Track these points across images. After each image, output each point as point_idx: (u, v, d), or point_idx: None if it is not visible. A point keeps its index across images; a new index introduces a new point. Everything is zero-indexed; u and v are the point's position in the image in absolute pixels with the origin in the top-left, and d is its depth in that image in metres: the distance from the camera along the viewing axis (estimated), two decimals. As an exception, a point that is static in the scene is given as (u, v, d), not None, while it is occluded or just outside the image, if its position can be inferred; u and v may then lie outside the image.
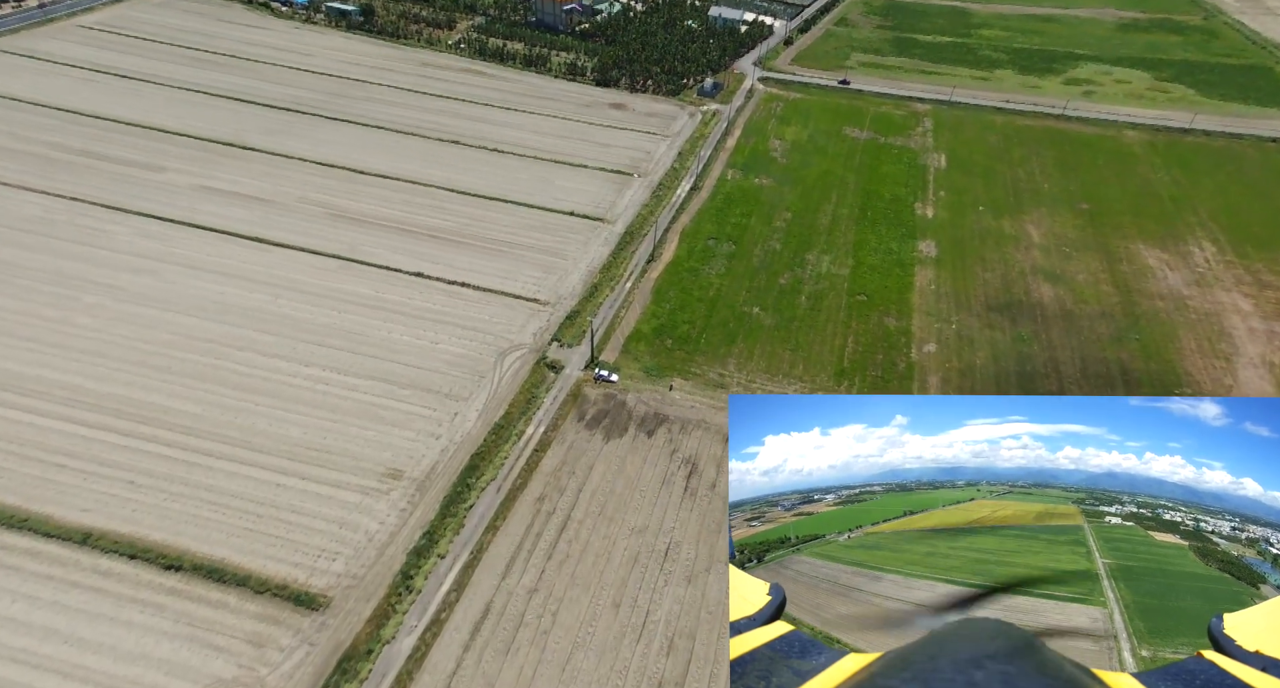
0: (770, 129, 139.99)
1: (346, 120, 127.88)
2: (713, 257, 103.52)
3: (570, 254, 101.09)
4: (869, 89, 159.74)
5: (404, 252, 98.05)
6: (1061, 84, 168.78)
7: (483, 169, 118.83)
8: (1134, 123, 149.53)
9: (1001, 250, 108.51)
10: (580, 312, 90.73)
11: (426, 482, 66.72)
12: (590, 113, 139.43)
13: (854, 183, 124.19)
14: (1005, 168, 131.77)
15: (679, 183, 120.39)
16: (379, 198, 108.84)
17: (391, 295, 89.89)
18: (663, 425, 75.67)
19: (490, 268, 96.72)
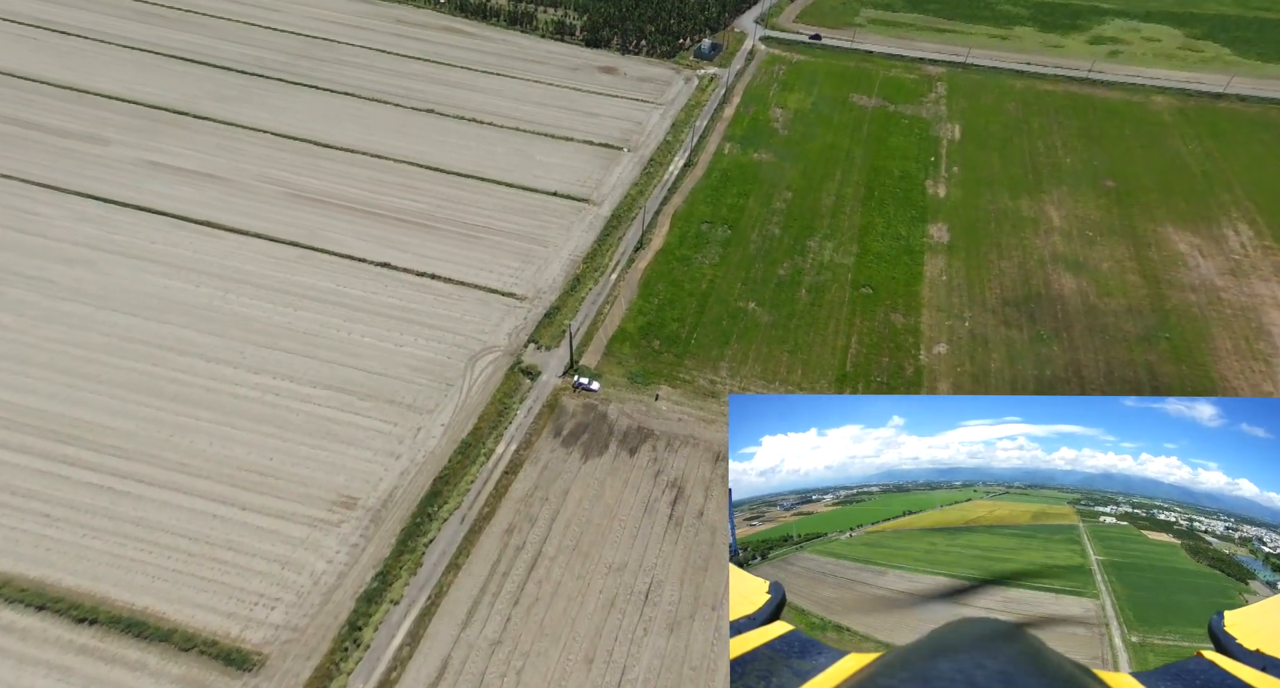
0: (771, 96, 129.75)
1: (311, 85, 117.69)
2: (706, 243, 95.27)
3: (551, 241, 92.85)
4: (878, 50, 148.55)
5: (369, 237, 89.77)
6: (1086, 42, 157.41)
7: (459, 142, 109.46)
8: (1163, 86, 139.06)
9: (1019, 235, 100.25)
10: (560, 308, 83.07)
11: (383, 511, 60.24)
12: (578, 77, 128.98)
13: (860, 157, 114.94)
14: (1024, 139, 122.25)
15: (672, 158, 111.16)
16: (344, 175, 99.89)
17: (354, 289, 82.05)
18: (647, 442, 68.91)
19: (463, 257, 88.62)
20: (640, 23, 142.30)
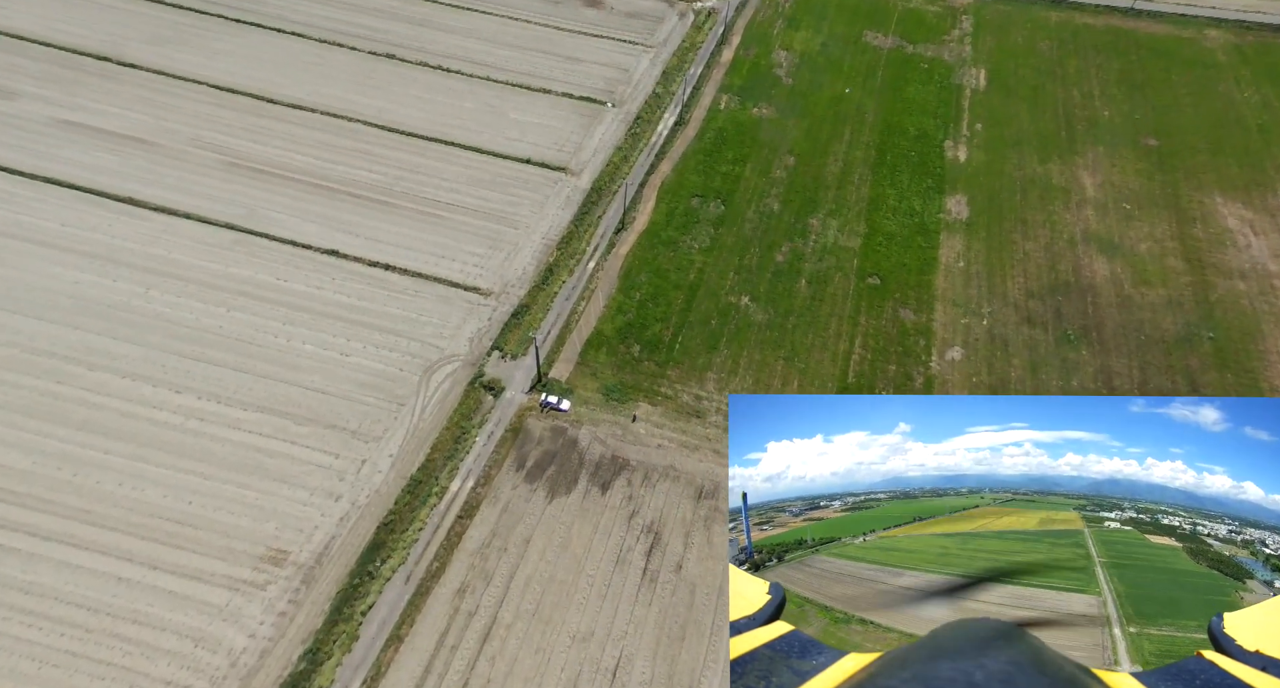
0: (775, 35, 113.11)
1: (256, 24, 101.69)
2: (696, 222, 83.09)
3: (523, 220, 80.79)
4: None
5: (317, 218, 77.85)
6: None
7: (421, 95, 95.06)
8: (1218, 18, 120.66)
9: (1048, 208, 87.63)
10: (530, 306, 72.27)
11: (317, 568, 52.09)
12: (559, 13, 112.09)
13: (873, 112, 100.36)
14: (1057, 87, 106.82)
15: (661, 115, 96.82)
16: (290, 138, 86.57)
17: (297, 284, 71.13)
18: (621, 474, 60.02)
19: (423, 241, 77.00)
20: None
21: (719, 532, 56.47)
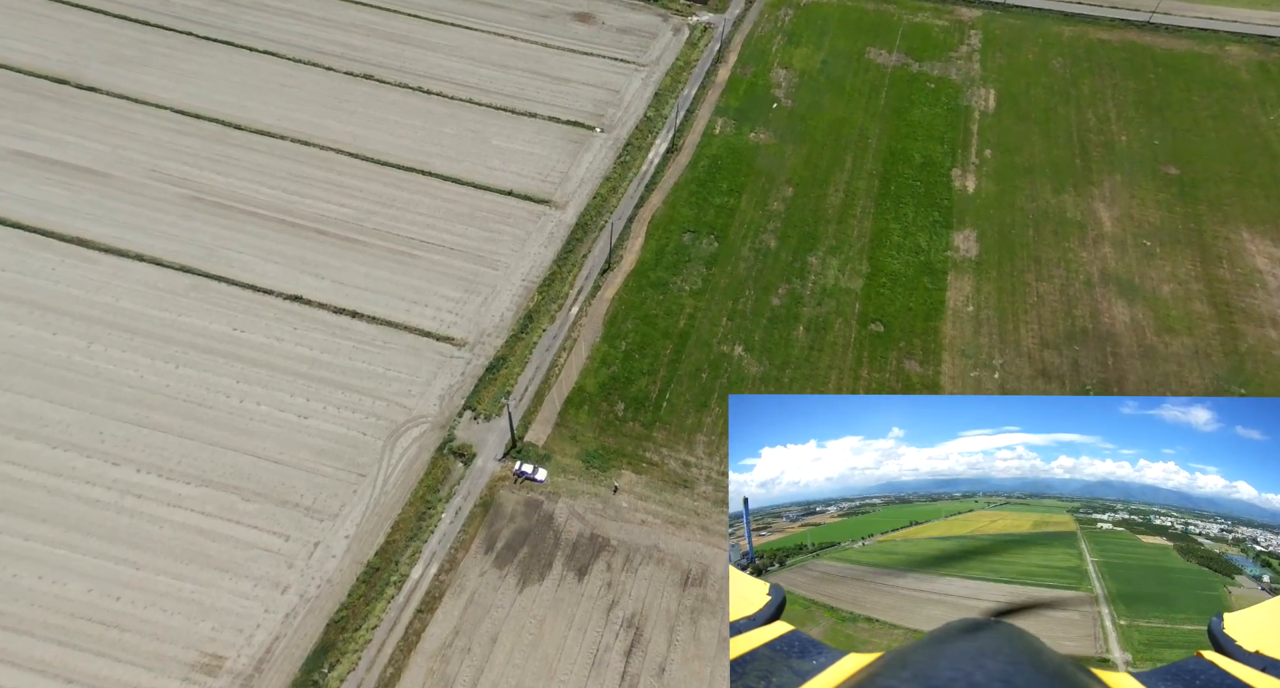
0: (774, 52, 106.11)
1: (226, 42, 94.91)
2: (687, 261, 76.56)
3: (502, 260, 74.32)
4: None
5: (281, 258, 71.44)
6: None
7: (399, 119, 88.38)
8: (1240, 32, 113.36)
9: (1062, 245, 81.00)
10: (507, 358, 65.93)
11: (255, 677, 45.90)
12: (548, 28, 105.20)
13: (876, 137, 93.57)
14: (1071, 110, 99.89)
15: (653, 141, 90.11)
16: (257, 168, 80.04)
17: (255, 334, 64.81)
18: (600, 556, 53.81)
19: (394, 284, 70.59)
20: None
21: (707, 626, 50.34)
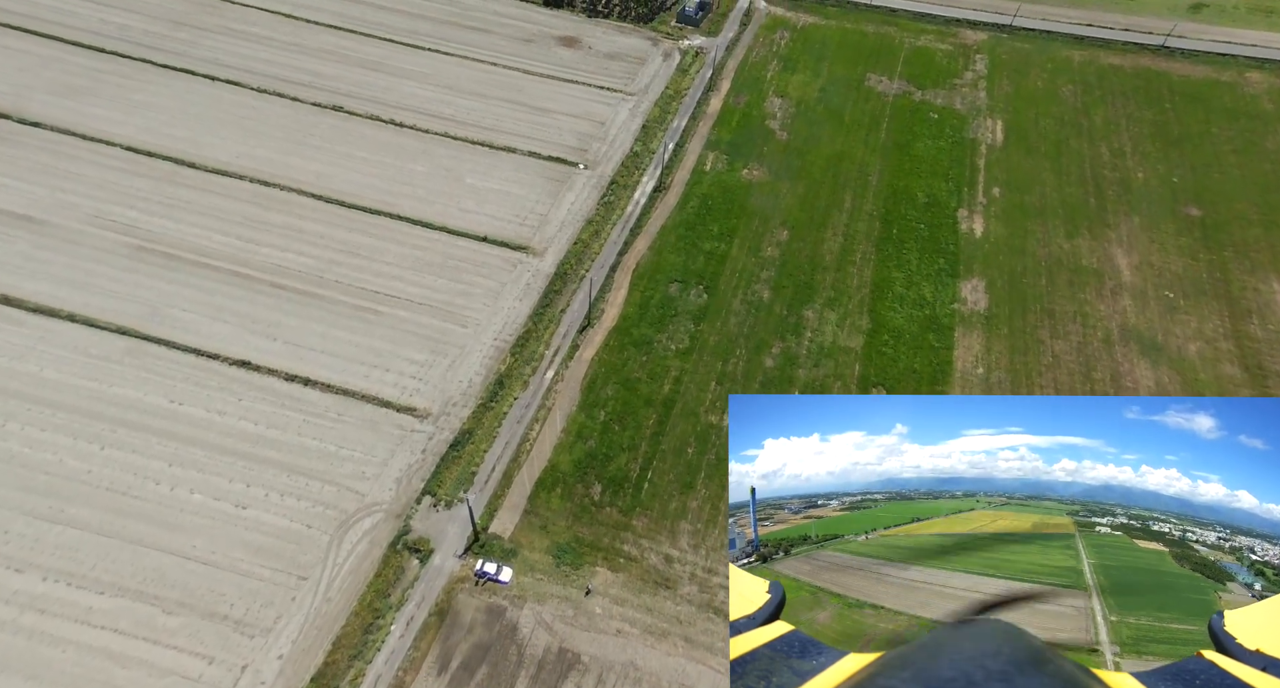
0: (769, 79, 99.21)
1: (186, 70, 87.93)
2: (674, 315, 69.89)
3: (474, 316, 67.62)
4: (904, 6, 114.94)
5: (231, 316, 64.67)
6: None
7: (368, 156, 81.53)
8: (1260, 57, 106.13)
9: (1078, 296, 74.36)
10: (473, 432, 59.25)
11: None
12: (531, 53, 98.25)
13: (877, 172, 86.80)
14: (1083, 142, 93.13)
15: (639, 178, 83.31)
16: (211, 212, 73.23)
17: (194, 408, 58.07)
18: (569, 676, 47.19)
19: (353, 346, 63.91)
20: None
21: (687, 763, 43.93)
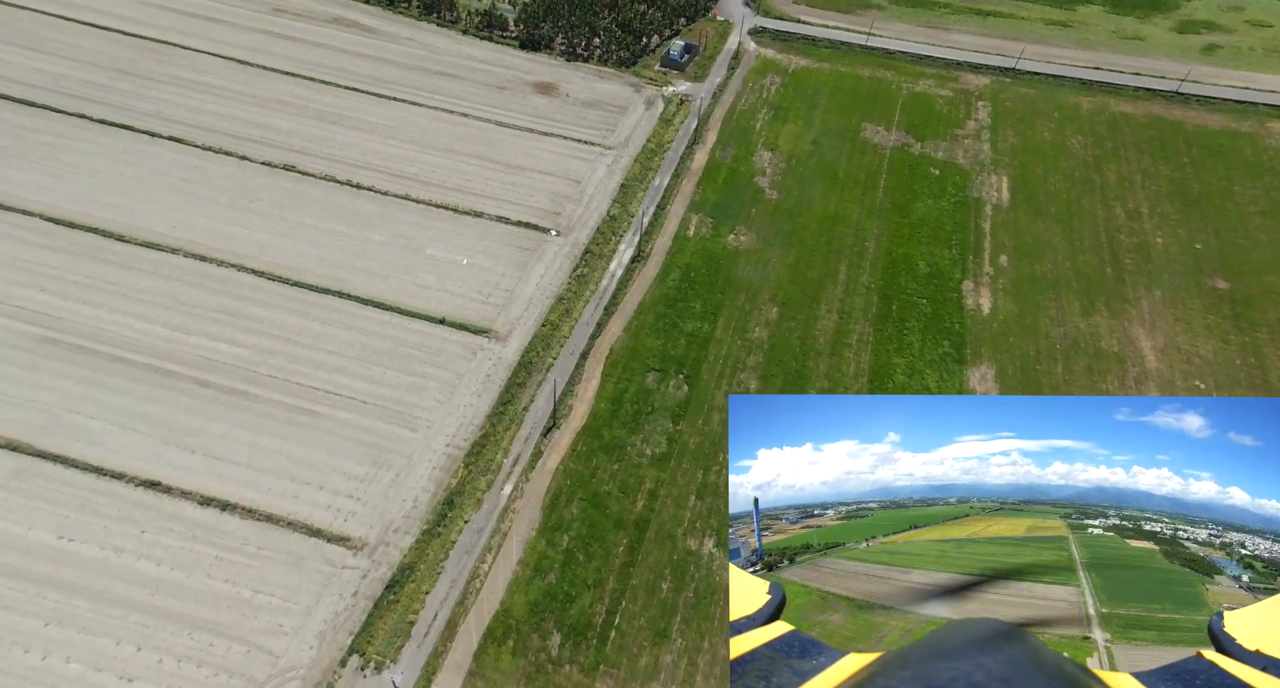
0: (759, 129, 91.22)
1: (125, 126, 79.62)
2: (650, 412, 61.65)
3: (424, 417, 59.30)
4: (902, 47, 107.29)
5: (145, 423, 56.17)
6: (1172, 30, 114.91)
7: (319, 223, 73.29)
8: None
9: (1099, 387, 66.02)
10: (414, 568, 50.83)
11: None
12: (505, 102, 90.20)
13: (875, 238, 78.73)
14: (1096, 202, 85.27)
15: (616, 245, 75.13)
16: (136, 295, 64.88)
17: (86, 544, 49.33)
18: None
19: (285, 458, 55.52)
20: (590, 17, 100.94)
21: None
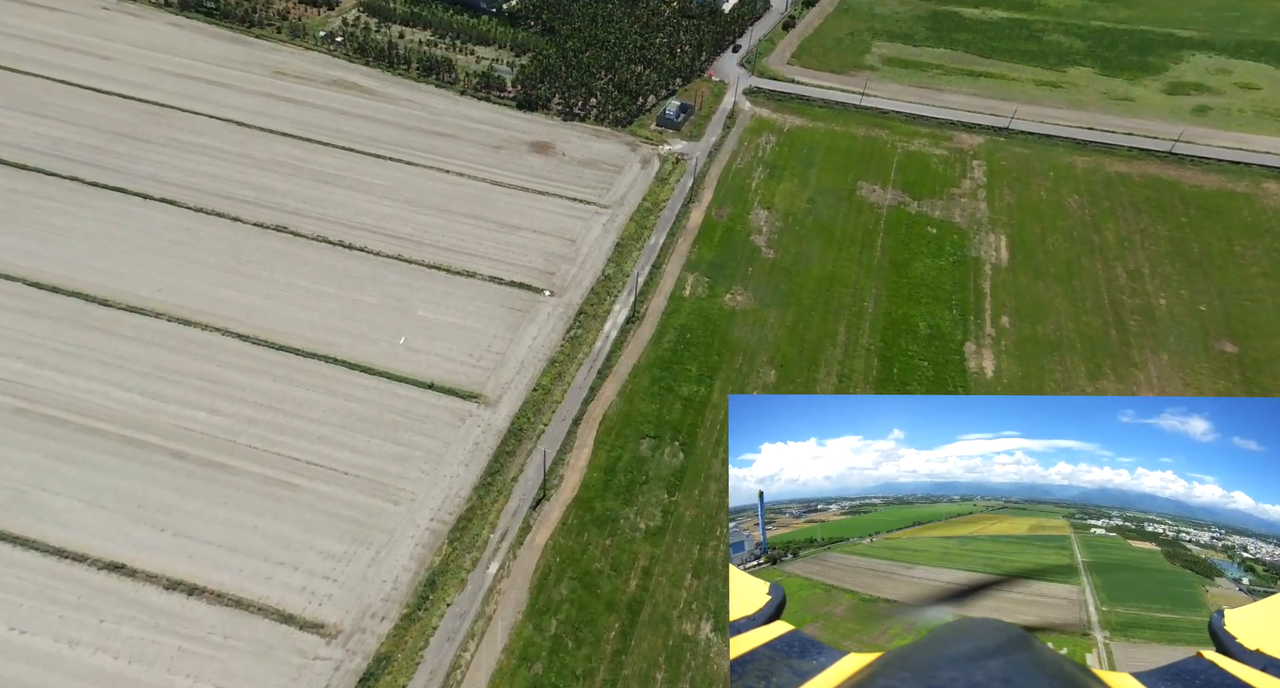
0: (755, 188, 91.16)
1: (118, 188, 79.35)
2: (645, 482, 59.17)
3: (408, 489, 56.79)
4: (896, 107, 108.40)
5: (113, 499, 53.55)
6: (1162, 91, 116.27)
7: (309, 285, 72.12)
8: (1275, 167, 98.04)
9: (1110, 455, 64.26)
10: (391, 658, 47.62)
11: None
12: (501, 162, 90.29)
13: (873, 297, 77.55)
14: (1096, 262, 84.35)
15: (611, 306, 73.85)
16: (115, 361, 63.05)
17: (39, 637, 46.07)
18: None
19: (259, 535, 52.80)
20: (587, 78, 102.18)
21: None
